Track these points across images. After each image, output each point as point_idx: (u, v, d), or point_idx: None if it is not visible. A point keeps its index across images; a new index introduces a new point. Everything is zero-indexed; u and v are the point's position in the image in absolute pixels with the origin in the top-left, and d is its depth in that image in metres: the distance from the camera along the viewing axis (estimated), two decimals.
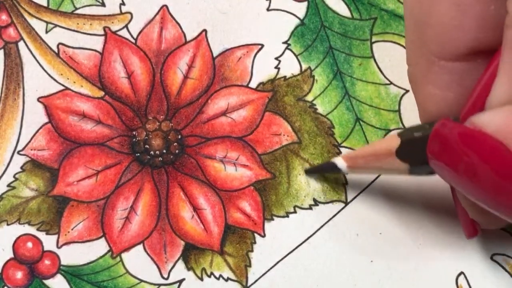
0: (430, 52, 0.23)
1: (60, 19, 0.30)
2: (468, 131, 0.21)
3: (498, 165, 0.20)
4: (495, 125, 0.20)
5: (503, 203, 0.20)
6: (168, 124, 0.29)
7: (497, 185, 0.20)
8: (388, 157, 0.25)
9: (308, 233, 0.29)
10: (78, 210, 0.28)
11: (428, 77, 0.24)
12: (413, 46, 0.24)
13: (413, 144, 0.24)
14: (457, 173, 0.21)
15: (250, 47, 0.30)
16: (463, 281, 0.28)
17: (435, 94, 0.24)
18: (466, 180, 0.21)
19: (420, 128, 0.24)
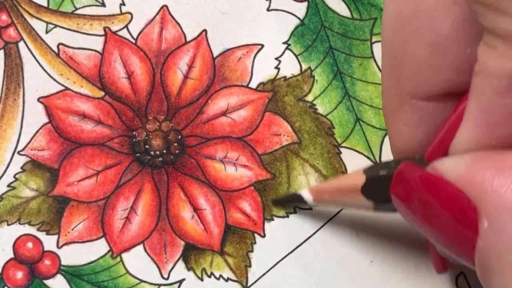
0: (403, 89, 0.23)
1: (60, 19, 0.30)
2: (430, 176, 0.21)
3: (457, 213, 0.20)
4: (456, 173, 0.20)
5: (461, 249, 0.20)
6: (168, 124, 0.29)
7: (456, 232, 0.20)
8: (353, 193, 0.25)
9: (308, 233, 0.29)
10: (78, 210, 0.28)
11: (399, 114, 0.24)
12: (387, 80, 0.24)
13: (378, 182, 0.24)
14: (417, 216, 0.21)
15: (250, 47, 0.30)
16: (463, 281, 0.28)
17: (404, 131, 0.24)
18: (426, 223, 0.21)
19: (385, 166, 0.24)
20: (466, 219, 0.19)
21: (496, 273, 0.19)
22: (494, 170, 0.19)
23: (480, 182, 0.19)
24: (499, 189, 0.19)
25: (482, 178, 0.19)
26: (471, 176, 0.19)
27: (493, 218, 0.19)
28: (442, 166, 0.21)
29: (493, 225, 0.19)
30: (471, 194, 0.19)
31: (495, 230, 0.18)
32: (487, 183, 0.19)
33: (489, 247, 0.19)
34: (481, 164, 0.19)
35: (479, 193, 0.19)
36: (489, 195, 0.19)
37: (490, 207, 0.19)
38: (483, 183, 0.19)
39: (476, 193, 0.19)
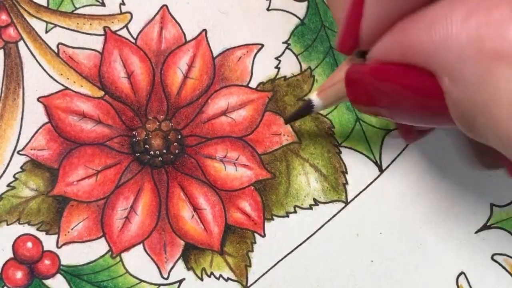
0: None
1: (60, 19, 0.30)
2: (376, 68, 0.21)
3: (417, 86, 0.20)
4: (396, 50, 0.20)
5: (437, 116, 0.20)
6: (168, 124, 0.29)
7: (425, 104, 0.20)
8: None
9: (308, 233, 0.29)
10: (78, 210, 0.28)
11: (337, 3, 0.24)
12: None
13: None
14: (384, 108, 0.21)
15: (250, 47, 0.30)
16: (464, 281, 0.28)
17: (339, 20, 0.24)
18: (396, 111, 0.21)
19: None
20: (427, 87, 0.19)
21: (477, 117, 0.18)
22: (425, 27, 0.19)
23: (419, 45, 0.19)
24: (439, 41, 0.18)
25: (419, 40, 0.19)
26: (409, 46, 0.19)
27: (449, 70, 0.18)
28: (378, 52, 0.21)
29: (453, 77, 0.18)
30: (421, 61, 0.19)
31: (456, 80, 0.18)
32: (426, 42, 0.19)
33: (460, 98, 0.19)
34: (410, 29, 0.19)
35: (426, 56, 0.19)
36: (434, 51, 0.19)
37: (441, 62, 0.18)
38: (422, 44, 0.19)
39: (423, 57, 0.19)
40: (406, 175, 0.29)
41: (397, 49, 0.20)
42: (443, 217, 0.29)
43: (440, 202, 0.29)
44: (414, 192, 0.29)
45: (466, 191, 0.29)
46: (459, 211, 0.29)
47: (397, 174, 0.29)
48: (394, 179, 0.29)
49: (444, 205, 0.29)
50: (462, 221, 0.29)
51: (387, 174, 0.29)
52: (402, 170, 0.29)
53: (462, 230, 0.29)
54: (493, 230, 0.29)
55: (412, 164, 0.29)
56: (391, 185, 0.29)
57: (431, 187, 0.29)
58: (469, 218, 0.29)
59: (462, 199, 0.29)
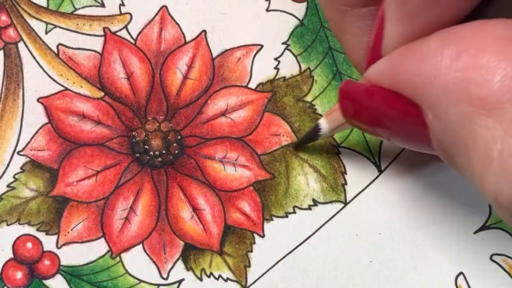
0: (340, 3, 0.24)
1: (59, 20, 0.30)
2: (366, 88, 0.21)
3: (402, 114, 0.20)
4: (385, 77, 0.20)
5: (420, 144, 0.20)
6: (168, 125, 0.29)
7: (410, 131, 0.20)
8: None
9: (308, 233, 0.29)
10: (78, 210, 0.28)
11: (344, 28, 0.24)
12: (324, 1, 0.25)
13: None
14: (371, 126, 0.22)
15: (250, 47, 0.30)
16: (463, 281, 0.28)
17: (354, 43, 0.24)
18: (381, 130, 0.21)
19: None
20: (412, 117, 0.19)
21: (456, 156, 0.19)
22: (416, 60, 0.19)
23: (408, 77, 0.19)
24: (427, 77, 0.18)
25: (409, 72, 0.19)
26: (398, 75, 0.19)
27: (433, 106, 0.18)
28: (371, 74, 0.21)
29: (436, 114, 0.18)
30: (408, 93, 0.19)
31: (439, 118, 0.18)
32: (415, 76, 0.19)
33: (441, 135, 0.19)
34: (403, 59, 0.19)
35: (413, 88, 0.19)
36: (421, 86, 0.19)
37: (427, 98, 0.18)
38: (411, 77, 0.19)
39: (410, 90, 0.19)
40: (405, 175, 0.29)
41: (388, 76, 0.20)
42: (442, 217, 0.29)
43: (439, 203, 0.29)
44: (413, 193, 0.29)
45: (465, 192, 0.29)
46: (458, 212, 0.29)
47: (396, 175, 0.29)
48: (393, 180, 0.29)
49: (443, 205, 0.29)
50: (461, 222, 0.29)
51: (386, 175, 0.29)
52: (401, 170, 0.29)
53: (461, 231, 0.29)
54: (492, 230, 0.29)
55: (411, 164, 0.29)
56: (390, 185, 0.29)
57: (430, 187, 0.29)
58: (468, 219, 0.29)
59: (461, 200, 0.29)
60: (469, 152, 0.18)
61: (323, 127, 0.27)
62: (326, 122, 0.26)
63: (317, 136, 0.27)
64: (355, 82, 0.22)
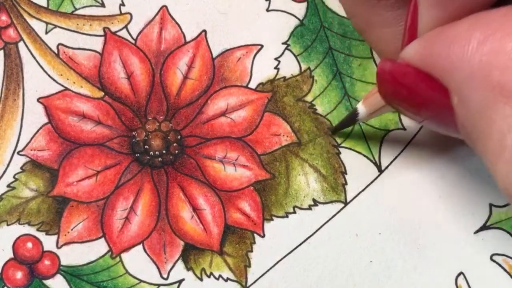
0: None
1: (60, 20, 0.30)
2: (399, 67, 0.21)
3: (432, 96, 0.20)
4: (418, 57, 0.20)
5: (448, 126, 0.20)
6: (168, 125, 0.29)
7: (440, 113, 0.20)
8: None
9: (308, 233, 0.29)
10: (78, 210, 0.28)
11: (372, 21, 0.24)
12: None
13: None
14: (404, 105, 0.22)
15: (250, 47, 0.30)
16: (463, 281, 0.28)
17: (386, 33, 0.24)
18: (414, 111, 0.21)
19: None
20: (441, 100, 0.19)
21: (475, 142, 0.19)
22: (446, 42, 0.19)
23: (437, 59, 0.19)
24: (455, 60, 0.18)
25: (438, 54, 0.19)
26: (429, 57, 0.19)
27: (459, 90, 0.18)
28: (406, 54, 0.21)
29: (461, 98, 0.18)
30: (437, 75, 0.19)
31: (463, 102, 0.18)
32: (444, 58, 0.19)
33: (465, 120, 0.19)
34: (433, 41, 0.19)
35: (442, 71, 0.19)
36: (449, 69, 0.19)
37: (453, 81, 0.18)
38: (440, 59, 0.19)
39: (440, 71, 0.19)
40: (405, 175, 0.29)
41: (420, 56, 0.20)
42: (442, 217, 0.29)
43: (439, 202, 0.29)
44: (413, 193, 0.29)
45: (465, 191, 0.29)
46: (458, 211, 0.29)
47: (397, 175, 0.29)
48: (394, 180, 0.29)
49: (443, 205, 0.29)
50: (461, 221, 0.29)
51: (386, 175, 0.29)
52: (401, 170, 0.29)
53: (461, 230, 0.29)
54: (492, 230, 0.29)
55: (412, 164, 0.29)
56: (390, 185, 0.29)
57: (430, 187, 0.29)
58: (468, 218, 0.29)
59: (461, 199, 0.29)
60: (485, 139, 0.18)
61: (360, 111, 0.27)
62: (364, 107, 0.27)
63: (355, 121, 0.27)
64: (392, 61, 0.22)
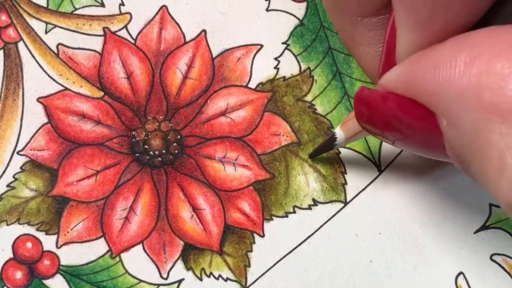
0: (350, 13, 0.24)
1: (59, 20, 0.30)
2: (380, 95, 0.21)
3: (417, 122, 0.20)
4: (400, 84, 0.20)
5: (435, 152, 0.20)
6: (168, 124, 0.29)
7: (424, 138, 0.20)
8: None
9: (308, 233, 0.29)
10: (78, 210, 0.28)
11: (356, 39, 0.24)
12: (333, 13, 0.25)
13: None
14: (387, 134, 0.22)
15: (250, 47, 0.30)
16: (463, 281, 0.28)
17: (367, 53, 0.24)
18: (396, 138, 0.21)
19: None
20: (427, 124, 0.19)
21: (470, 163, 0.18)
22: (431, 66, 0.19)
23: (422, 83, 0.19)
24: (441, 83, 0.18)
25: (423, 78, 0.19)
26: (413, 82, 0.19)
27: (448, 113, 0.18)
28: (386, 81, 0.21)
29: (451, 121, 0.18)
30: (422, 100, 0.19)
31: (454, 124, 0.18)
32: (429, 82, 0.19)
33: (456, 142, 0.19)
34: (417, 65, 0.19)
35: (428, 95, 0.19)
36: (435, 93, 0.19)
37: (441, 104, 0.18)
38: (425, 83, 0.19)
39: (425, 96, 0.19)
40: (405, 175, 0.29)
41: (402, 82, 0.20)
42: (442, 217, 0.29)
43: (439, 202, 0.29)
44: (413, 192, 0.29)
45: (465, 191, 0.29)
46: (458, 211, 0.29)
47: (396, 175, 0.29)
48: (393, 180, 0.29)
49: (443, 205, 0.29)
50: (461, 221, 0.29)
51: (386, 175, 0.29)
52: (401, 170, 0.29)
53: (461, 230, 0.29)
54: (492, 230, 0.29)
55: (411, 164, 0.29)
56: (390, 185, 0.29)
57: (430, 187, 0.29)
58: (468, 218, 0.29)
59: (461, 199, 0.29)
60: (483, 159, 0.18)
61: (338, 136, 0.27)
62: (342, 131, 0.27)
63: (333, 146, 0.27)
64: (370, 89, 0.22)
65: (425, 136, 0.20)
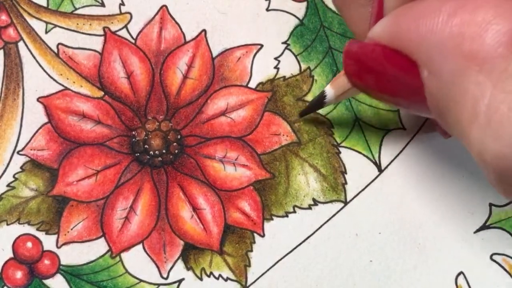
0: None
1: (59, 19, 0.30)
2: (367, 46, 0.21)
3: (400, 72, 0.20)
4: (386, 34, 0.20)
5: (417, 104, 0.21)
6: (168, 124, 0.29)
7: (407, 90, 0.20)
8: None
9: (308, 233, 0.29)
10: (78, 210, 0.28)
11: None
12: None
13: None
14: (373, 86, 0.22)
15: (250, 47, 0.30)
16: (463, 281, 0.28)
17: (359, 12, 0.25)
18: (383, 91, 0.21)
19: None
20: (410, 75, 0.20)
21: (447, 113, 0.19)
22: (415, 17, 0.19)
23: (406, 34, 0.19)
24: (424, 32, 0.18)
25: (407, 29, 0.19)
26: (397, 32, 0.20)
27: (429, 62, 0.19)
28: (373, 33, 0.21)
29: (431, 70, 0.19)
30: (406, 49, 0.19)
31: (434, 74, 0.19)
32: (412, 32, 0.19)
33: (435, 92, 0.19)
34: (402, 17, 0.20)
35: (411, 45, 0.19)
36: (418, 42, 0.19)
37: (423, 54, 0.19)
38: (409, 33, 0.19)
39: (408, 46, 0.19)
40: (405, 175, 0.29)
41: (387, 33, 0.20)
42: (442, 217, 0.29)
43: (439, 202, 0.29)
44: (413, 192, 0.29)
45: (465, 191, 0.29)
46: (458, 211, 0.29)
47: (396, 174, 0.29)
48: (393, 179, 0.29)
49: (443, 205, 0.29)
50: (461, 221, 0.29)
51: (386, 174, 0.29)
52: (401, 170, 0.29)
53: (461, 230, 0.29)
54: (492, 230, 0.29)
55: (411, 164, 0.29)
56: (390, 185, 0.29)
57: (430, 187, 0.29)
58: (468, 218, 0.29)
59: (461, 199, 0.29)
60: (458, 108, 0.18)
61: (328, 93, 0.27)
62: (332, 89, 0.27)
63: (323, 104, 0.27)
64: (359, 42, 0.22)
65: (408, 87, 0.20)
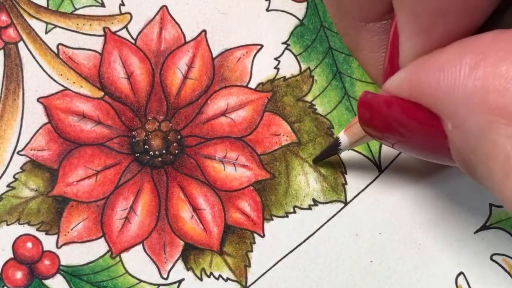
0: (353, 18, 0.24)
1: (59, 20, 0.30)
2: (385, 99, 0.21)
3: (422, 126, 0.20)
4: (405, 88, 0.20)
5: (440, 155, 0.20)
6: (168, 125, 0.29)
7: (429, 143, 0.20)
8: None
9: (308, 233, 0.29)
10: (78, 210, 0.28)
11: (360, 44, 0.24)
12: (337, 18, 0.25)
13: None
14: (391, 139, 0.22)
15: (250, 47, 0.30)
16: (463, 281, 0.28)
17: (371, 58, 0.24)
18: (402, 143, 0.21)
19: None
20: (432, 128, 0.19)
21: (476, 166, 0.18)
22: (435, 70, 0.19)
23: (427, 88, 0.19)
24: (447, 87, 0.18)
25: (428, 82, 0.19)
26: (418, 86, 0.19)
27: (453, 116, 0.18)
28: (390, 86, 0.21)
29: (456, 124, 0.18)
30: (427, 103, 0.19)
31: (459, 127, 0.18)
32: (434, 86, 0.19)
33: (461, 145, 0.19)
34: (421, 70, 0.19)
35: (433, 99, 0.19)
36: (440, 96, 0.19)
37: (446, 108, 0.19)
38: (430, 87, 0.19)
39: (430, 100, 0.19)
40: (405, 175, 0.29)
41: (407, 86, 0.20)
42: (442, 217, 0.29)
43: (439, 202, 0.29)
44: (413, 192, 0.29)
45: (465, 191, 0.29)
46: (458, 211, 0.29)
47: (397, 174, 0.29)
48: (394, 180, 0.29)
49: (443, 205, 0.29)
50: (461, 221, 0.29)
51: (386, 175, 0.29)
52: (401, 170, 0.29)
53: (461, 230, 0.29)
54: (492, 230, 0.29)
55: (412, 164, 0.29)
56: (390, 185, 0.29)
57: (430, 187, 0.29)
58: (468, 218, 0.29)
59: (461, 199, 0.29)
60: (489, 162, 0.18)
61: (342, 141, 0.27)
62: (346, 136, 0.27)
63: (337, 151, 0.27)
64: (374, 93, 0.22)
65: (429, 140, 0.20)
